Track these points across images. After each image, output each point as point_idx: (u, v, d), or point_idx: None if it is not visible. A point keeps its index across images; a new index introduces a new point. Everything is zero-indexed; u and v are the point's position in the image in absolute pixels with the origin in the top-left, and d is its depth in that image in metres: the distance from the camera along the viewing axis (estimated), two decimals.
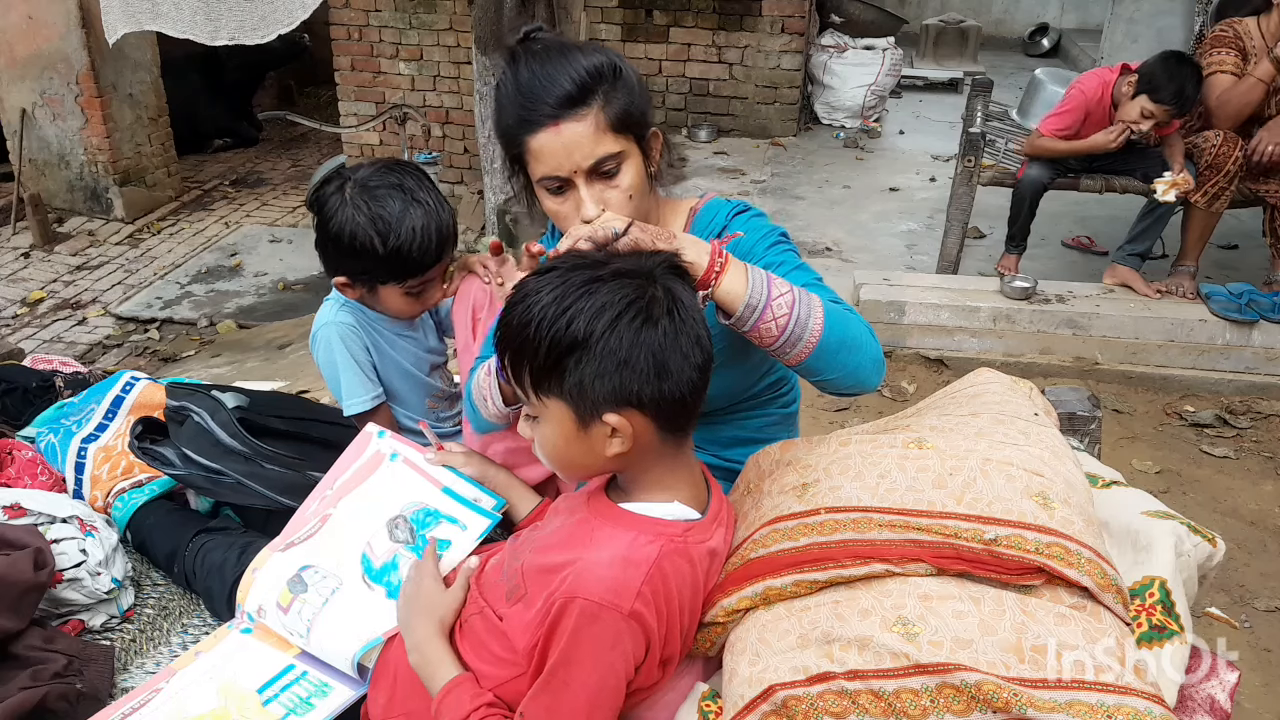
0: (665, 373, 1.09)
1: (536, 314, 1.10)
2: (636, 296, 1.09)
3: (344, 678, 1.38)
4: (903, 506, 1.15)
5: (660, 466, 1.19)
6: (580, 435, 1.13)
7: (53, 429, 2.05)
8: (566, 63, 1.32)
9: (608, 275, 1.11)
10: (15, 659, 1.48)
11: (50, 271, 6.02)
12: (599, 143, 1.33)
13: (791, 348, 1.23)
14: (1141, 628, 1.11)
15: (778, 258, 1.40)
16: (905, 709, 1.03)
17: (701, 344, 1.13)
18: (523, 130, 1.34)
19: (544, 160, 1.34)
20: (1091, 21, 9.00)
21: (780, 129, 6.45)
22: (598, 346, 1.08)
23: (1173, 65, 3.57)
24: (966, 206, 4.10)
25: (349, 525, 1.49)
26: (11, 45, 6.19)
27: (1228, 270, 4.45)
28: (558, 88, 1.31)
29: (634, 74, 1.39)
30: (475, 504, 1.52)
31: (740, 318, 1.22)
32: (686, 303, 1.13)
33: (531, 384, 1.14)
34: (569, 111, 1.31)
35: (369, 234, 1.62)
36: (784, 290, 1.23)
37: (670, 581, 1.13)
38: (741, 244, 1.43)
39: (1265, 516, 3.10)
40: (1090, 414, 1.82)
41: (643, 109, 1.38)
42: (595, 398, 1.10)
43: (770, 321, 1.22)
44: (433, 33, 6.24)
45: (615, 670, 1.09)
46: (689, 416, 1.17)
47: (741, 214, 1.48)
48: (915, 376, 3.81)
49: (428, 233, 1.65)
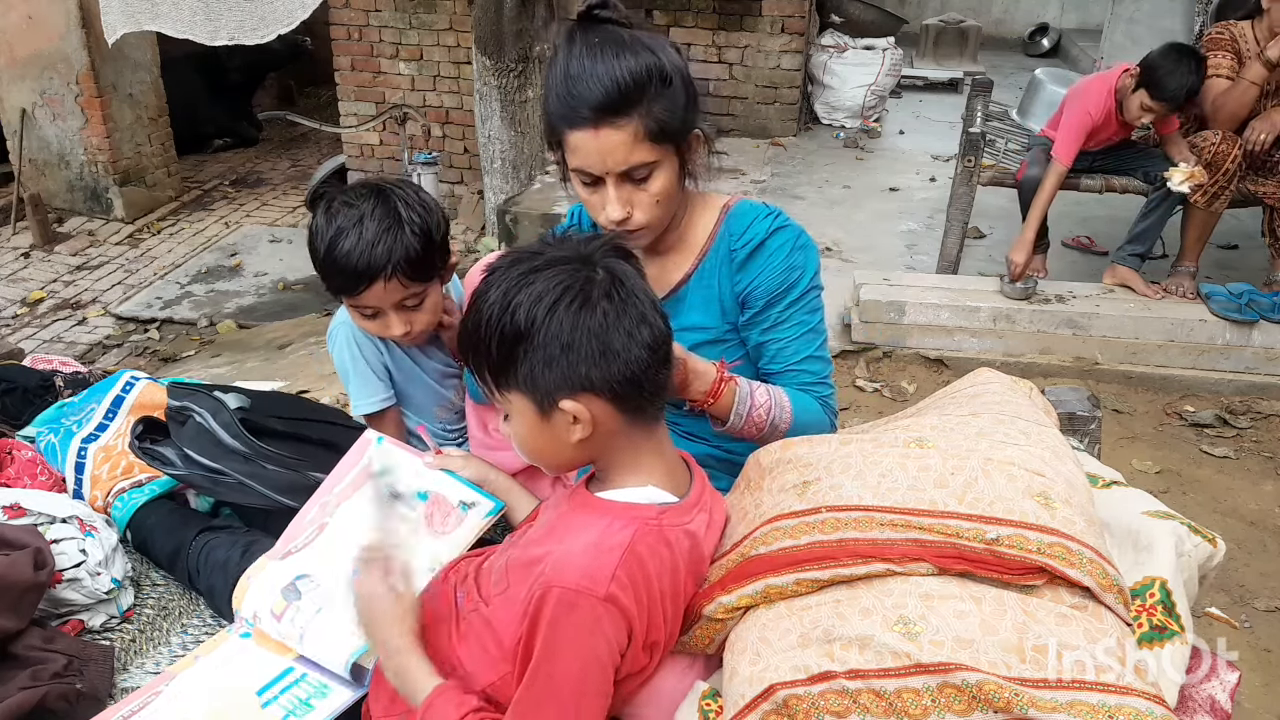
0: (610, 353, 1.10)
1: (484, 312, 1.13)
2: (573, 281, 1.11)
3: (343, 680, 1.38)
4: (904, 505, 1.15)
5: (630, 450, 1.20)
6: (544, 425, 1.15)
7: (52, 429, 2.05)
8: (615, 64, 1.32)
9: (543, 264, 1.13)
10: (15, 659, 1.47)
11: (50, 271, 6.02)
12: (634, 151, 1.35)
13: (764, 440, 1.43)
14: (1142, 628, 1.11)
15: (785, 316, 1.50)
16: (906, 708, 1.03)
17: (648, 321, 1.14)
18: (563, 123, 1.37)
19: (579, 155, 1.38)
20: (1091, 21, 9.00)
21: (780, 129, 6.45)
22: (540, 335, 1.10)
23: (1174, 61, 3.55)
24: (966, 206, 4.10)
25: (346, 533, 1.49)
26: (11, 45, 6.19)
27: (1228, 270, 4.45)
28: (602, 92, 1.32)
29: (683, 79, 1.39)
30: (479, 488, 1.53)
31: (730, 426, 1.45)
32: (628, 283, 1.14)
33: (492, 381, 1.17)
34: (609, 118, 1.33)
35: (316, 243, 1.60)
36: (762, 400, 1.45)
37: (648, 564, 1.13)
38: (766, 268, 1.49)
39: (1265, 516, 3.10)
40: (1090, 414, 1.82)
41: (685, 117, 1.40)
42: (547, 386, 1.12)
43: (751, 427, 1.45)
44: (433, 33, 6.24)
45: (599, 656, 1.09)
46: (648, 396, 1.17)
47: (780, 230, 1.51)
48: (915, 376, 3.81)
49: (352, 253, 1.55)
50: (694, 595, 1.24)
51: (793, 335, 1.51)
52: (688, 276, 1.56)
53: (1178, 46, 3.68)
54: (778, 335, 1.51)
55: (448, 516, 1.49)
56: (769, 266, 1.49)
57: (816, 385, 1.52)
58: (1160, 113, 3.60)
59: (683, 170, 1.44)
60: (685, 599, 1.22)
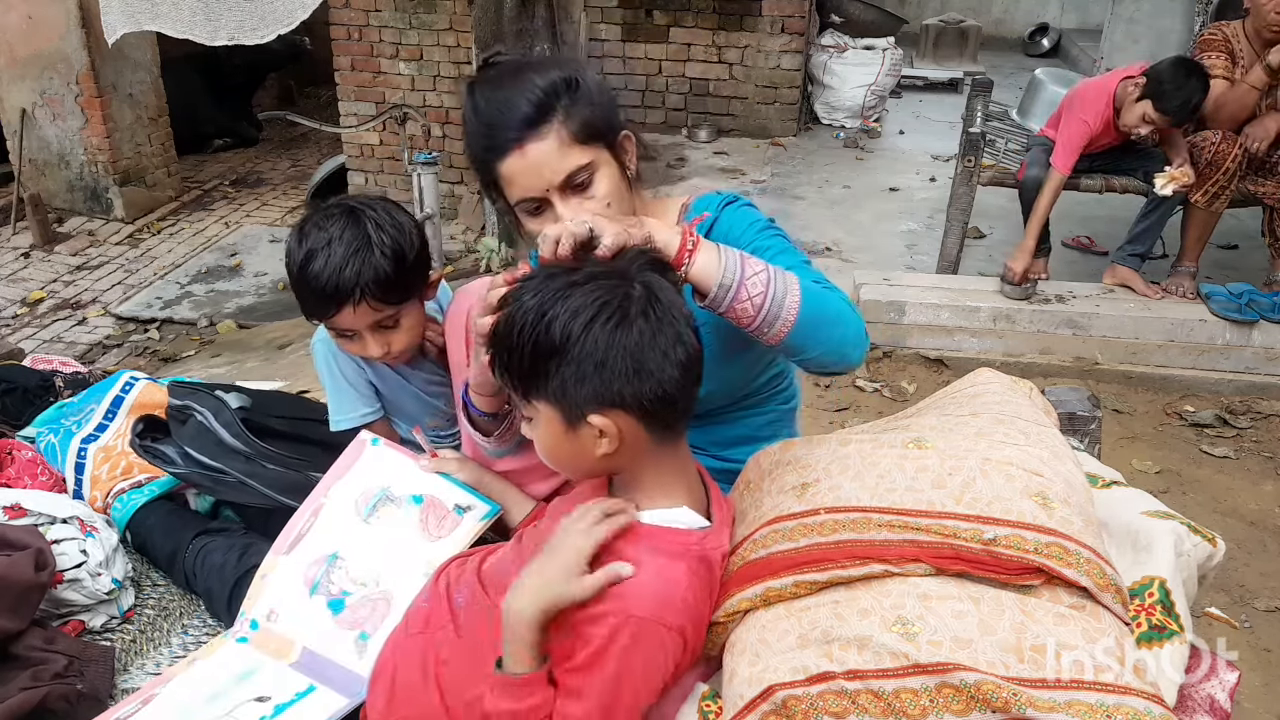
0: (644, 372, 1.10)
1: (518, 320, 1.12)
2: (611, 297, 1.10)
3: (339, 684, 1.38)
4: (902, 506, 1.15)
5: (655, 468, 1.20)
6: (570, 436, 1.14)
7: (52, 429, 2.05)
8: (520, 84, 1.33)
9: (583, 278, 1.12)
10: (16, 659, 1.47)
11: (50, 271, 6.02)
12: (565, 157, 1.33)
13: (769, 326, 1.22)
14: (1141, 627, 1.11)
15: (765, 242, 1.40)
16: (905, 709, 1.03)
17: (684, 340, 1.13)
18: (490, 157, 1.35)
19: (516, 183, 1.35)
20: (1091, 21, 9.00)
21: (780, 129, 6.45)
22: (575, 350, 1.09)
23: (1181, 76, 3.55)
24: (966, 206, 4.10)
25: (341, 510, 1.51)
26: (11, 45, 6.18)
27: (1228, 270, 4.45)
28: (516, 111, 1.32)
29: (594, 82, 1.38)
30: (475, 491, 1.53)
31: (715, 298, 1.21)
32: (665, 300, 1.13)
33: (520, 388, 1.16)
34: (530, 132, 1.32)
35: (288, 266, 1.59)
36: (758, 269, 1.22)
37: (699, 591, 1.17)
38: (730, 232, 1.42)
39: (1265, 516, 3.10)
40: (1090, 414, 1.82)
41: (607, 116, 1.38)
42: (577, 400, 1.11)
43: (746, 300, 1.21)
44: (433, 33, 6.24)
45: (653, 681, 1.14)
46: (678, 415, 1.17)
47: (731, 204, 1.48)
48: (915, 376, 3.81)
49: (319, 277, 1.53)
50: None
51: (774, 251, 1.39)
52: None
53: (1185, 61, 3.69)
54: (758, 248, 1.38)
55: (443, 520, 1.50)
56: (730, 230, 1.43)
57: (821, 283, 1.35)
58: (1162, 125, 3.61)
59: (623, 171, 1.41)
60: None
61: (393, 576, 1.45)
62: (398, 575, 1.45)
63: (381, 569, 1.46)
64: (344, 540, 1.48)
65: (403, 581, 1.44)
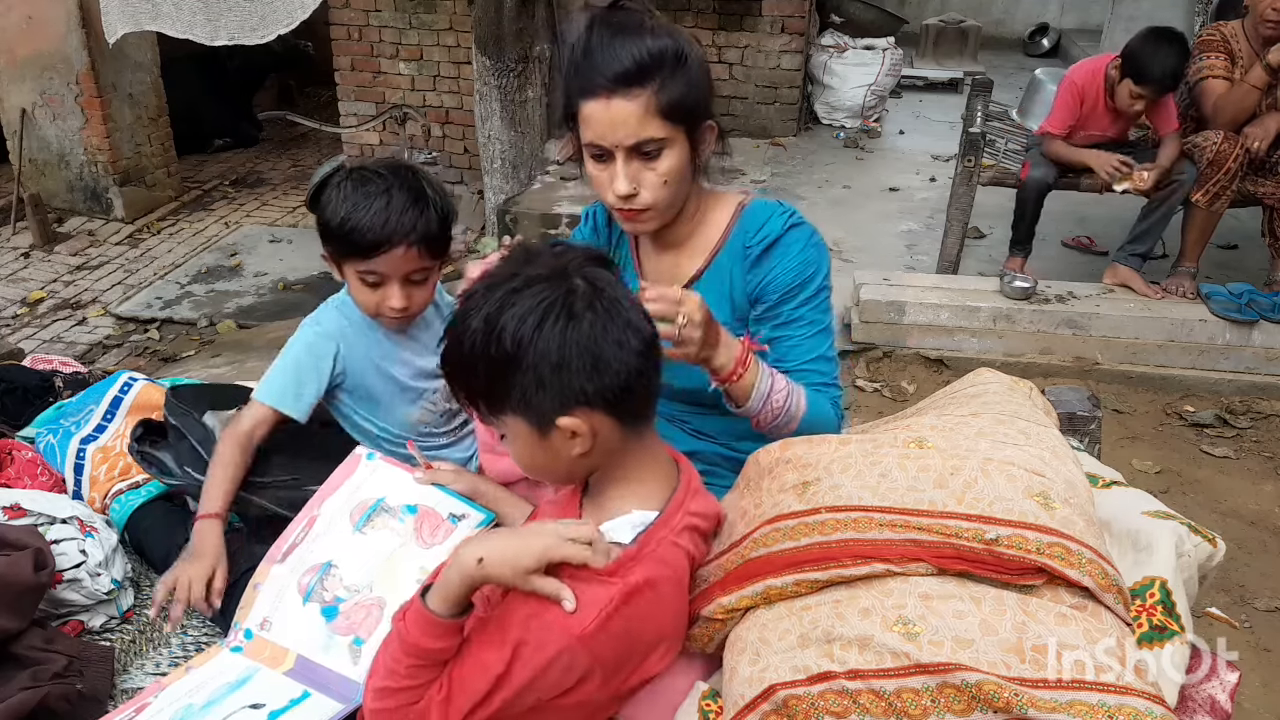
0: (603, 365, 1.09)
1: (467, 339, 1.12)
2: (555, 296, 1.09)
3: (335, 690, 1.38)
4: (903, 506, 1.15)
5: (629, 461, 1.20)
6: (543, 443, 1.14)
7: (51, 429, 2.04)
8: (634, 41, 1.36)
9: (522, 283, 1.11)
10: (15, 659, 1.47)
11: (50, 271, 6.01)
12: (644, 125, 1.37)
13: (773, 431, 1.43)
14: (1142, 628, 1.11)
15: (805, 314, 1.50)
16: (906, 709, 1.03)
17: (635, 327, 1.13)
18: (577, 94, 1.39)
19: (590, 127, 1.39)
20: (1091, 21, 8.99)
21: (780, 129, 6.45)
22: (529, 355, 1.08)
23: (1154, 46, 3.58)
24: (966, 206, 4.10)
25: (335, 521, 1.50)
26: (11, 45, 6.18)
27: (1228, 270, 4.45)
28: (618, 63, 1.35)
29: (699, 66, 1.42)
30: (470, 500, 1.53)
31: (745, 409, 1.41)
32: (609, 291, 1.12)
33: (484, 406, 1.15)
34: (623, 88, 1.35)
35: (336, 207, 1.64)
36: (781, 387, 1.42)
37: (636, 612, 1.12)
38: (784, 257, 1.49)
39: (1265, 516, 3.10)
40: (1090, 414, 1.82)
41: (699, 100, 1.41)
42: (543, 406, 1.10)
43: (767, 413, 1.42)
44: (433, 33, 6.24)
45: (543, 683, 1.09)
46: (644, 402, 1.18)
47: (795, 228, 1.51)
48: (915, 376, 3.81)
49: (380, 215, 1.62)
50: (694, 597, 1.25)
51: (804, 334, 1.50)
52: (700, 272, 1.56)
53: (1157, 30, 3.69)
54: (789, 333, 1.51)
55: (437, 529, 1.50)
56: (783, 262, 1.49)
57: (826, 386, 1.51)
58: (1150, 97, 3.62)
59: (693, 157, 1.44)
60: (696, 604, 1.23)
61: (386, 582, 1.45)
62: (391, 581, 1.45)
63: (375, 575, 1.46)
64: (337, 550, 1.48)
65: (396, 587, 1.44)
